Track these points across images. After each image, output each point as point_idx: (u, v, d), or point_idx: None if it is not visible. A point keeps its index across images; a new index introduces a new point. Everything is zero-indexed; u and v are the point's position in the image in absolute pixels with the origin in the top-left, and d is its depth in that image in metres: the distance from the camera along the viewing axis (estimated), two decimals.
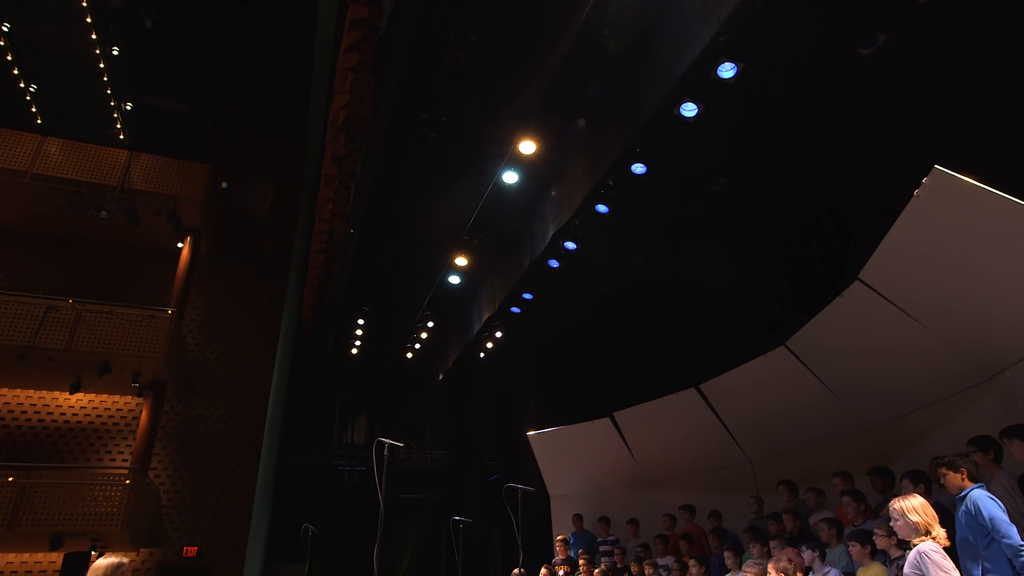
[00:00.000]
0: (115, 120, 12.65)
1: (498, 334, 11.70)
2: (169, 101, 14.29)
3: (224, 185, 13.83)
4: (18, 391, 11.75)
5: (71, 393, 11.21)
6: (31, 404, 11.79)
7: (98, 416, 12.16)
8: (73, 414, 11.99)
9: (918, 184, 4.66)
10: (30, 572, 10.71)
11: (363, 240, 13.18)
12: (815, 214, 8.17)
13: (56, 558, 10.36)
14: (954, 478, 3.91)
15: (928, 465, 5.04)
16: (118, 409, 12.31)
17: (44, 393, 11.89)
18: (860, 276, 5.70)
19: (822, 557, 5.20)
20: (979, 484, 3.85)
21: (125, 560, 4.54)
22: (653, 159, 7.59)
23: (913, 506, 3.53)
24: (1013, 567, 3.52)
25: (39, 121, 12.27)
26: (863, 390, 6.56)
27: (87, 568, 4.53)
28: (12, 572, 10.63)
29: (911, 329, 5.52)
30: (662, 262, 9.89)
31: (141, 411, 11.71)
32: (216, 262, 14.09)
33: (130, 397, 12.16)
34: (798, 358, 6.95)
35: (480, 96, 8.79)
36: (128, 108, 12.68)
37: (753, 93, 6.83)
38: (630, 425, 9.41)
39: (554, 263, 9.47)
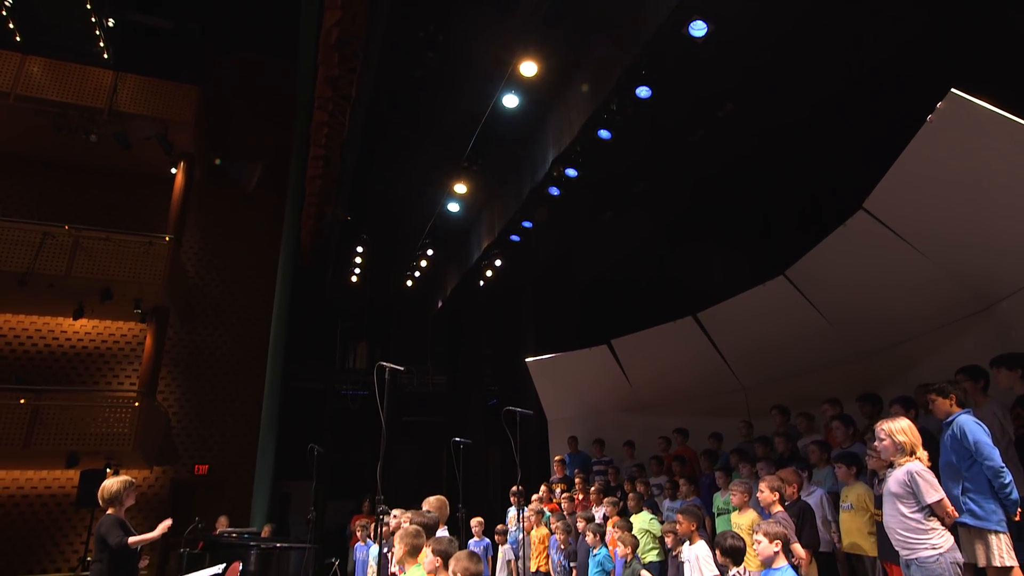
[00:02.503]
0: (98, 38, 12.12)
1: (497, 262, 11.69)
2: (154, 18, 13.64)
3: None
4: (22, 317, 11.89)
5: (75, 319, 11.35)
6: (36, 330, 11.96)
7: (103, 342, 12.35)
8: (79, 339, 12.18)
9: (932, 111, 4.51)
10: (49, 488, 11.22)
11: (361, 166, 12.93)
12: (824, 143, 7.97)
13: (73, 475, 10.81)
14: (943, 404, 4.01)
15: (915, 392, 5.16)
16: (122, 335, 12.49)
17: (48, 319, 12.03)
18: (864, 205, 5.63)
19: (809, 478, 5.42)
20: (966, 410, 3.95)
21: (133, 480, 4.76)
22: (659, 82, 7.30)
23: (901, 427, 3.63)
24: (991, 487, 3.67)
25: (18, 39, 11.75)
26: (858, 320, 6.62)
27: (100, 483, 4.74)
28: (32, 488, 11.13)
29: (911, 259, 5.51)
30: (664, 191, 9.74)
31: (145, 336, 11.91)
32: (211, 188, 13.89)
33: (133, 323, 12.32)
34: (796, 288, 6.97)
35: (479, 14, 8.36)
36: (110, 25, 12.11)
37: (766, 13, 6.49)
38: (627, 352, 9.57)
39: (554, 190, 9.31)
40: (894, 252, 5.59)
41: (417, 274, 13.78)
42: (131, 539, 4.38)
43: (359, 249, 14.24)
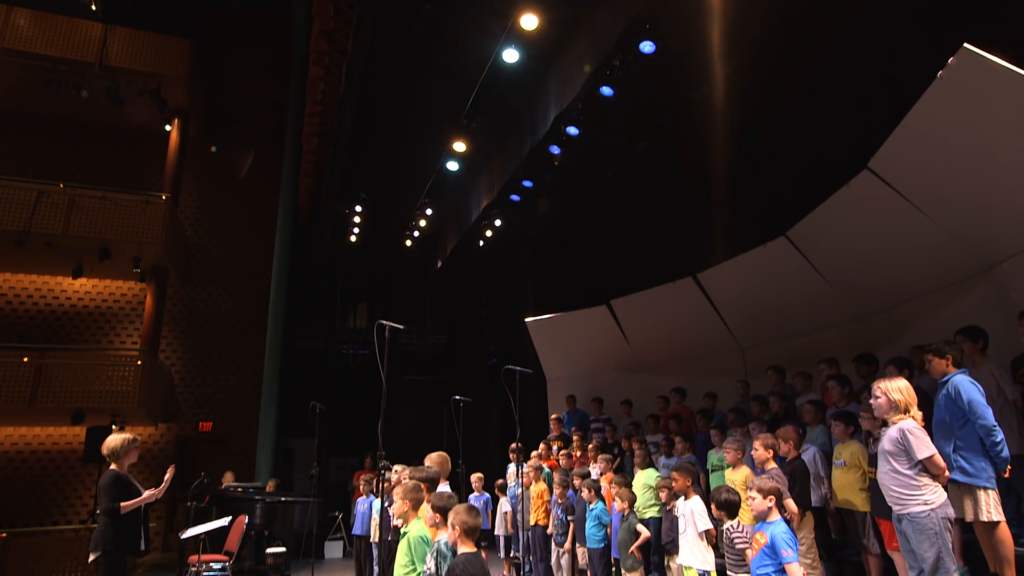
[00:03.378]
0: None
1: (497, 222, 11.62)
2: None
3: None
4: (21, 276, 11.89)
5: (74, 278, 11.34)
6: (36, 289, 11.97)
7: (103, 301, 12.38)
8: (79, 298, 12.21)
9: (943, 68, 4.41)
10: (57, 444, 11.42)
11: (358, 124, 12.71)
12: (831, 102, 7.81)
13: (80, 432, 10.99)
14: (939, 363, 4.04)
15: (910, 352, 5.20)
16: (122, 294, 12.51)
17: (48, 278, 12.03)
18: (869, 165, 5.57)
19: (802, 436, 5.51)
20: (962, 370, 3.99)
21: (136, 437, 4.85)
22: (663, 36, 7.11)
23: (898, 386, 3.66)
24: (982, 445, 3.73)
25: None
26: (858, 281, 6.63)
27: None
28: (40, 444, 11.34)
29: (914, 220, 5.48)
30: (666, 149, 9.61)
31: (145, 296, 11.92)
32: (207, 146, 13.69)
33: (133, 282, 12.31)
34: (797, 248, 6.96)
35: None
36: None
37: None
38: (626, 312, 9.62)
39: (555, 149, 9.18)
40: (897, 213, 5.56)
41: (416, 234, 13.72)
42: (123, 504, 4.47)
43: (358, 208, 14.13)
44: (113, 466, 4.65)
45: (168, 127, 12.24)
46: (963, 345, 4.35)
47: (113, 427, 10.66)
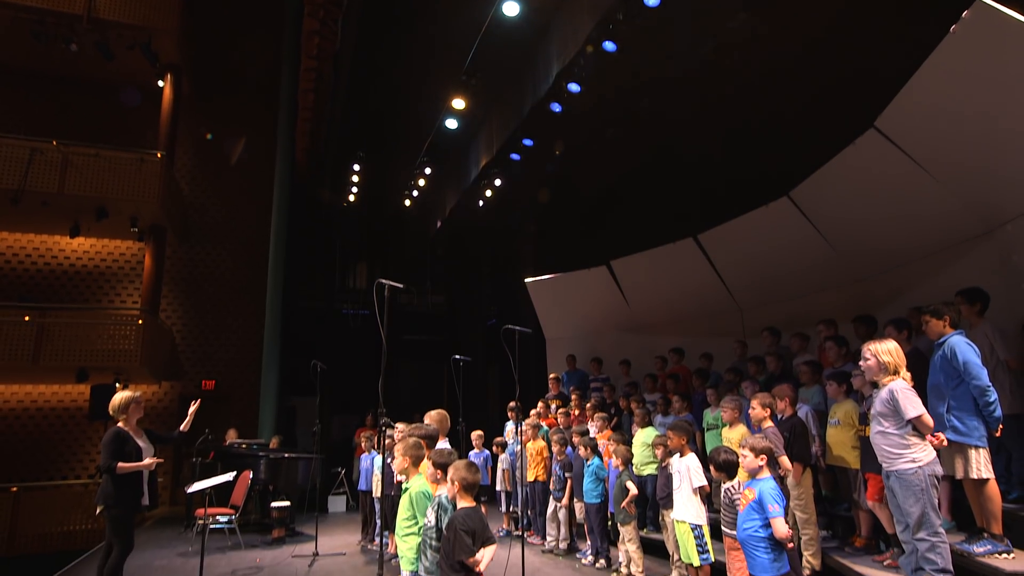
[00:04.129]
0: None
1: (497, 181, 11.48)
2: None
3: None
4: (19, 235, 11.84)
5: (72, 237, 11.30)
6: (35, 248, 11.94)
7: (102, 260, 12.36)
8: (77, 258, 12.19)
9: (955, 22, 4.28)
10: (62, 401, 11.58)
11: (355, 80, 12.43)
12: (839, 59, 7.61)
13: (84, 389, 11.14)
14: (936, 324, 4.06)
15: (907, 313, 5.22)
16: (121, 254, 12.48)
17: (45, 237, 11.99)
18: (876, 124, 5.47)
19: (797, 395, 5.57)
20: (959, 331, 4.00)
21: (138, 394, 4.92)
22: None
23: (887, 348, 3.69)
24: (975, 405, 3.78)
25: None
26: (859, 242, 6.60)
27: (112, 397, 4.90)
28: (46, 401, 11.50)
29: (918, 181, 5.41)
30: (670, 107, 9.41)
31: (144, 255, 11.90)
32: (201, 103, 13.44)
33: (131, 242, 12.28)
34: (799, 209, 6.91)
35: None
36: None
37: None
38: (626, 273, 9.62)
39: (556, 107, 9.00)
40: (901, 173, 5.49)
41: (415, 193, 13.57)
42: (120, 464, 4.55)
43: (356, 167, 13.95)
44: (120, 423, 4.72)
45: (160, 83, 11.99)
46: (961, 307, 4.36)
47: (117, 385, 10.80)
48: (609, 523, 6.31)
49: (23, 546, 9.48)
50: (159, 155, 11.12)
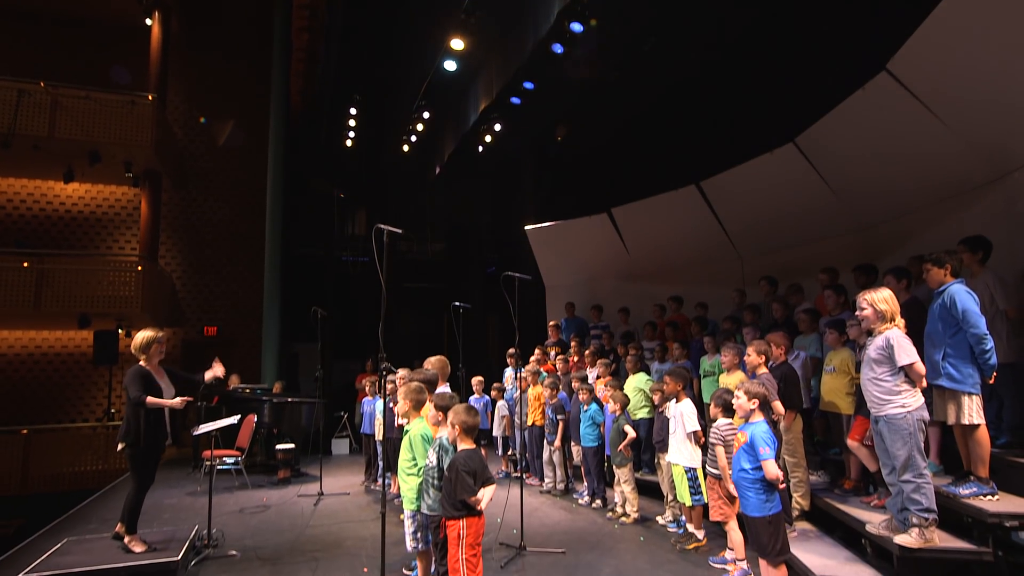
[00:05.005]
0: None
1: (497, 126, 11.24)
2: None
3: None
4: (12, 180, 11.68)
5: (66, 182, 11.15)
6: (28, 194, 11.80)
7: (98, 206, 12.24)
8: (73, 204, 12.06)
9: None
10: (66, 347, 11.70)
11: (350, 19, 11.97)
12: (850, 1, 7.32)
13: (87, 335, 11.23)
14: (937, 273, 4.05)
15: (907, 262, 5.19)
16: (116, 199, 12.35)
17: (39, 183, 11.83)
18: (887, 66, 5.31)
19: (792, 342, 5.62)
20: (959, 280, 4.00)
21: (161, 334, 4.92)
22: None
23: (883, 297, 3.73)
24: (971, 353, 3.81)
25: None
26: (864, 189, 6.51)
27: (115, 342, 4.91)
28: (50, 347, 11.61)
29: (928, 125, 5.29)
30: (674, 48, 9.11)
31: (140, 201, 11.78)
32: (193, 43, 13.02)
33: (127, 187, 12.14)
34: (804, 156, 6.79)
35: None
36: None
37: None
38: (627, 221, 9.55)
39: (558, 47, 8.70)
40: (911, 117, 5.37)
41: (413, 138, 13.30)
42: (148, 399, 4.54)
43: (352, 111, 13.62)
44: (141, 361, 4.74)
45: (148, 20, 11.56)
46: (963, 255, 4.34)
47: (119, 330, 10.88)
48: (605, 465, 6.49)
49: (36, 485, 9.77)
50: (150, 97, 10.85)
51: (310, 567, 4.68)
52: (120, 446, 4.57)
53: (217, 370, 5.20)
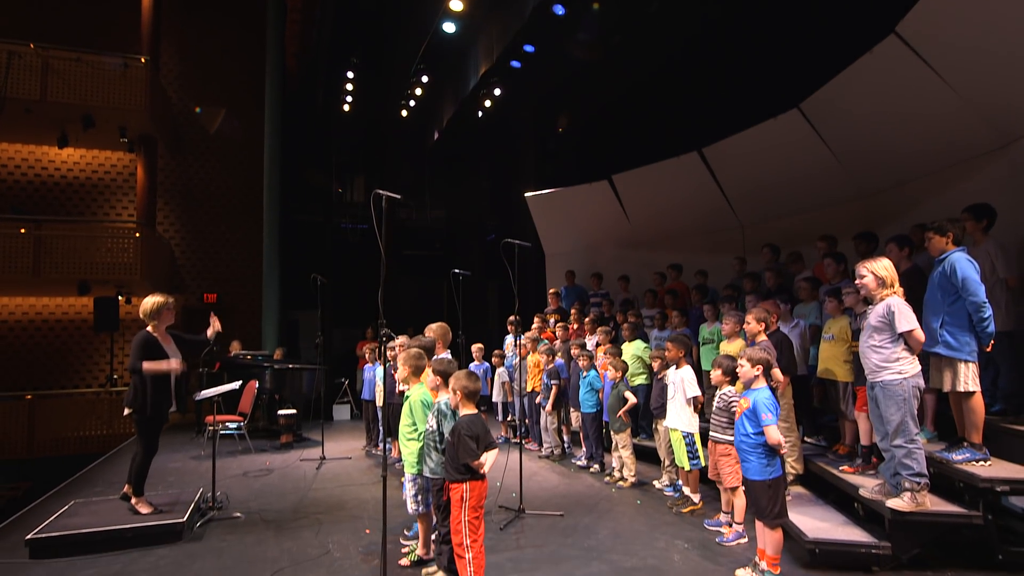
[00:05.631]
0: None
1: (497, 91, 11.05)
2: None
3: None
4: (5, 145, 11.54)
5: (60, 147, 11.02)
6: (23, 159, 11.66)
7: (94, 172, 12.11)
8: (68, 169, 11.94)
9: None
10: (67, 313, 11.72)
11: None
12: None
13: (88, 302, 11.24)
14: (939, 241, 4.03)
15: (910, 230, 5.17)
16: (112, 165, 12.21)
17: (33, 148, 11.69)
18: (896, 29, 5.19)
19: (791, 311, 5.64)
20: (961, 248, 3.98)
21: (171, 299, 4.89)
22: None
23: (883, 265, 3.76)
24: (969, 321, 3.82)
25: None
26: (869, 156, 6.44)
27: (116, 309, 4.90)
28: (51, 313, 11.63)
29: (935, 90, 5.21)
30: (678, 11, 8.90)
31: (136, 167, 11.66)
32: (186, 4, 12.70)
33: (122, 153, 11.99)
34: (809, 121, 6.70)
35: None
36: None
37: None
38: (628, 188, 9.47)
39: (559, 9, 8.50)
40: (918, 82, 5.28)
41: (412, 103, 13.09)
42: (145, 365, 4.51)
43: (349, 75, 13.37)
44: (149, 327, 4.72)
45: None
46: (967, 223, 4.32)
47: (120, 297, 10.88)
48: (603, 431, 6.57)
49: (42, 450, 9.91)
50: (143, 60, 10.63)
51: (313, 529, 4.77)
52: (127, 411, 4.61)
53: (215, 324, 5.26)
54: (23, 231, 9.96)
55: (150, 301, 4.75)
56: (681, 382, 5.11)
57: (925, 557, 3.77)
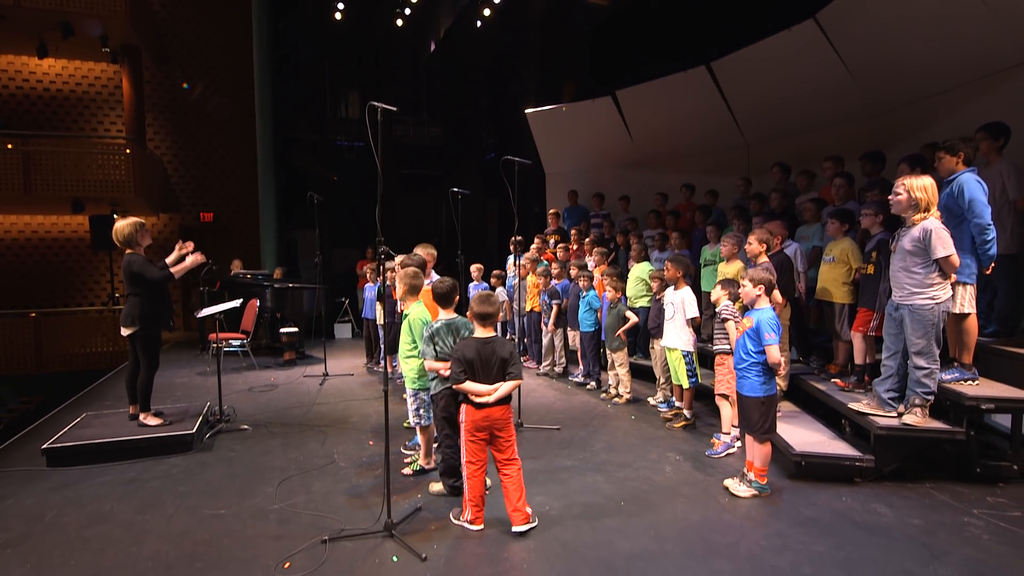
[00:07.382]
0: None
1: None
2: None
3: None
4: None
5: (40, 58, 10.54)
6: (3, 70, 11.19)
7: (78, 84, 11.65)
8: (51, 81, 11.48)
9: None
10: (63, 232, 11.64)
11: None
12: None
13: (83, 220, 11.13)
14: (949, 161, 3.93)
15: (921, 150, 5.02)
16: (96, 77, 11.73)
17: (12, 58, 11.18)
18: None
19: (793, 234, 5.57)
20: (971, 168, 3.88)
21: (141, 220, 4.84)
22: None
23: (923, 184, 3.62)
24: (972, 244, 3.78)
25: None
26: (883, 71, 6.18)
27: (111, 227, 4.86)
28: (46, 232, 11.55)
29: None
30: None
31: (121, 79, 11.21)
32: None
33: (105, 64, 11.50)
34: (824, 33, 6.38)
35: None
36: None
37: None
38: (631, 104, 9.17)
39: None
40: None
41: (407, 11, 12.42)
42: (173, 269, 4.68)
43: None
44: (129, 251, 4.71)
45: None
46: (982, 142, 4.19)
47: (115, 216, 10.76)
48: (601, 349, 6.69)
49: (51, 365, 10.13)
50: None
51: (318, 440, 4.95)
52: (127, 331, 4.65)
53: (184, 253, 4.93)
54: (10, 146, 9.72)
55: (122, 225, 4.69)
56: (681, 303, 5.14)
57: (905, 470, 3.93)
